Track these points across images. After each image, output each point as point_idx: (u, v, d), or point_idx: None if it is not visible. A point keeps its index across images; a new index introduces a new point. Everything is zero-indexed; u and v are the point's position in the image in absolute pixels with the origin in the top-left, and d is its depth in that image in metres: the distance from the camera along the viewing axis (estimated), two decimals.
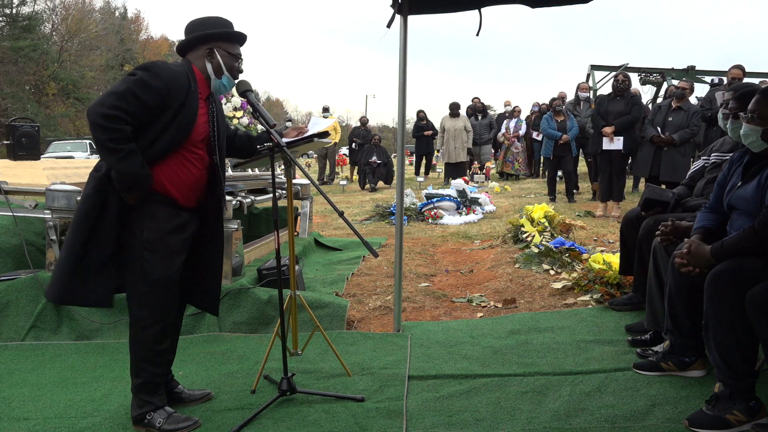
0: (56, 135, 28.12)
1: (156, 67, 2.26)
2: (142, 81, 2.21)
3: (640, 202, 3.45)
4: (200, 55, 2.40)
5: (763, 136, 2.32)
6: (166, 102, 2.25)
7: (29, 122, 5.32)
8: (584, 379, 2.71)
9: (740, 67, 6.84)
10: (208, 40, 2.40)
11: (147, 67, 2.27)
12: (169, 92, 2.25)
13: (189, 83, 2.33)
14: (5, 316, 3.53)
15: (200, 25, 2.42)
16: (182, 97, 2.29)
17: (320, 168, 14.87)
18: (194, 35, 2.40)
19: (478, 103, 13.96)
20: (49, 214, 3.75)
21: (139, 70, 2.26)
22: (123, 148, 2.17)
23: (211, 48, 2.40)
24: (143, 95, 2.20)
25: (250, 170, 5.03)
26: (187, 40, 2.41)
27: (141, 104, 2.20)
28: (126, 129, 2.18)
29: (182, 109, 2.29)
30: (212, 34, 2.40)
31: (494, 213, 8.42)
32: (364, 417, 2.42)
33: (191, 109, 2.33)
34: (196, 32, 2.40)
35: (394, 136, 40.20)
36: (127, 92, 2.19)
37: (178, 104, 2.28)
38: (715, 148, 3.47)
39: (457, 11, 3.54)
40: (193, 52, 2.42)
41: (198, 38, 2.39)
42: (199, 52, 2.41)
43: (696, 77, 12.56)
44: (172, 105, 2.26)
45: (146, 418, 2.35)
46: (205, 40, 2.40)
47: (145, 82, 2.21)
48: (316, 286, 4.33)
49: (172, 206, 2.35)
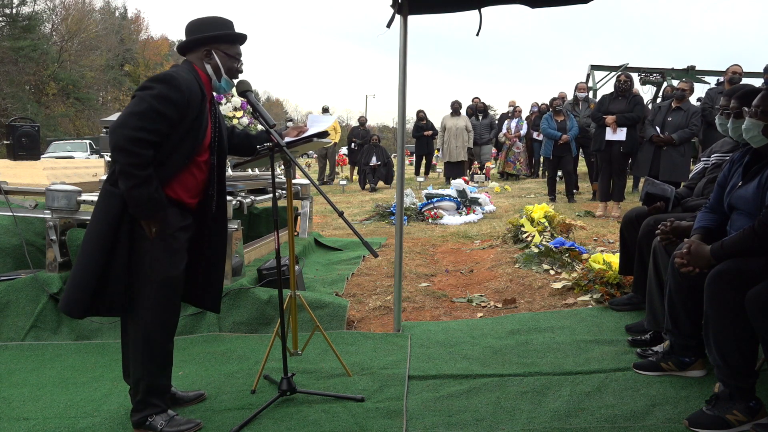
0: (56, 135, 28.13)
1: (174, 80, 2.23)
2: (162, 96, 2.19)
3: (641, 197, 3.45)
4: (199, 56, 2.41)
5: (765, 131, 2.33)
6: (186, 113, 2.25)
7: (29, 122, 5.33)
8: (584, 379, 2.71)
9: (738, 66, 6.94)
10: (206, 42, 2.39)
11: (164, 80, 2.23)
12: (188, 103, 2.25)
13: (202, 92, 2.34)
14: (5, 316, 3.53)
15: (199, 26, 2.41)
16: (198, 106, 2.30)
17: (320, 168, 14.87)
18: (192, 38, 2.39)
19: (478, 103, 13.95)
20: (49, 214, 3.75)
21: (156, 83, 2.23)
22: (140, 175, 2.16)
23: (208, 50, 2.39)
24: (166, 110, 2.20)
25: (250, 170, 5.03)
26: (186, 41, 2.41)
27: (165, 120, 2.20)
28: (148, 154, 2.18)
29: (197, 120, 2.31)
30: (210, 36, 2.39)
31: (494, 213, 8.42)
32: (364, 417, 2.42)
33: (205, 115, 2.35)
34: (195, 34, 2.40)
35: (394, 136, 40.20)
36: (150, 111, 2.17)
37: (195, 114, 2.29)
38: (715, 149, 3.48)
39: (457, 11, 3.54)
40: (193, 54, 2.42)
41: (196, 41, 2.39)
42: (197, 53, 2.41)
43: (696, 77, 12.56)
44: (188, 116, 2.27)
45: (147, 420, 2.33)
46: (203, 42, 2.39)
47: (166, 97, 2.20)
48: (316, 286, 4.33)
49: (179, 207, 2.37)
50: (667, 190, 3.37)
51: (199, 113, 2.31)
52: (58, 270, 3.73)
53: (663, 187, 3.41)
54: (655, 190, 3.40)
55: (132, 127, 2.14)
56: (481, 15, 3.38)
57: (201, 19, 2.44)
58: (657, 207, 3.33)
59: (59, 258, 3.73)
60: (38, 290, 3.59)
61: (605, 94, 7.76)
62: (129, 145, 2.14)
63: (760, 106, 2.35)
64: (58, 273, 3.72)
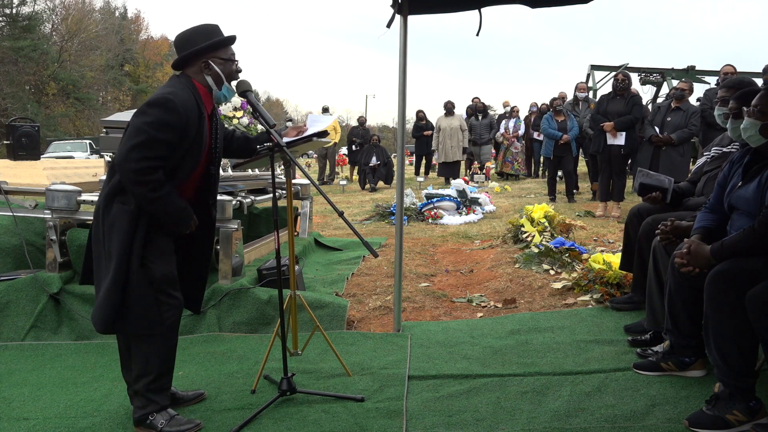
0: (56, 135, 28.14)
1: (170, 102, 2.23)
2: (160, 122, 2.21)
3: (634, 187, 3.43)
4: (197, 70, 2.40)
5: (762, 130, 2.33)
6: (185, 133, 2.28)
7: (29, 122, 5.33)
8: (584, 379, 2.71)
9: (731, 66, 6.98)
10: (201, 54, 2.38)
11: (160, 104, 2.23)
12: (187, 124, 2.27)
13: (199, 108, 2.35)
14: (5, 316, 3.53)
15: (189, 40, 2.39)
16: (197, 124, 2.32)
17: (320, 168, 14.86)
18: (186, 53, 2.39)
19: (478, 103, 13.94)
20: (49, 214, 3.75)
21: (152, 108, 2.23)
22: (161, 195, 2.22)
23: (205, 61, 2.39)
24: (166, 136, 2.22)
25: (250, 170, 5.03)
26: (181, 57, 2.40)
27: (166, 145, 2.23)
28: (158, 176, 2.22)
29: (197, 138, 2.33)
30: (204, 47, 2.38)
31: (494, 213, 8.41)
32: (364, 417, 2.42)
33: (205, 131, 2.37)
34: (187, 48, 2.39)
35: (394, 136, 40.20)
36: (150, 141, 2.20)
37: (194, 132, 2.32)
38: (715, 143, 3.48)
39: (457, 11, 3.54)
40: (190, 68, 2.41)
41: (192, 54, 2.38)
42: (194, 67, 2.40)
43: (696, 77, 12.54)
44: (189, 135, 2.30)
45: (149, 419, 2.34)
46: (198, 55, 2.38)
47: (164, 122, 2.21)
48: (316, 286, 4.33)
49: None
50: (664, 181, 3.34)
51: (198, 132, 2.33)
52: (58, 270, 3.73)
53: (659, 178, 3.38)
54: (650, 180, 3.36)
55: (135, 160, 2.18)
56: (481, 15, 3.38)
57: (188, 31, 2.43)
58: (653, 197, 3.30)
59: (59, 258, 3.73)
60: (38, 290, 3.59)
61: (603, 95, 7.76)
62: (139, 177, 2.19)
63: (758, 106, 2.35)
64: (58, 273, 3.72)
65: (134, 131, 2.22)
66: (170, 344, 2.39)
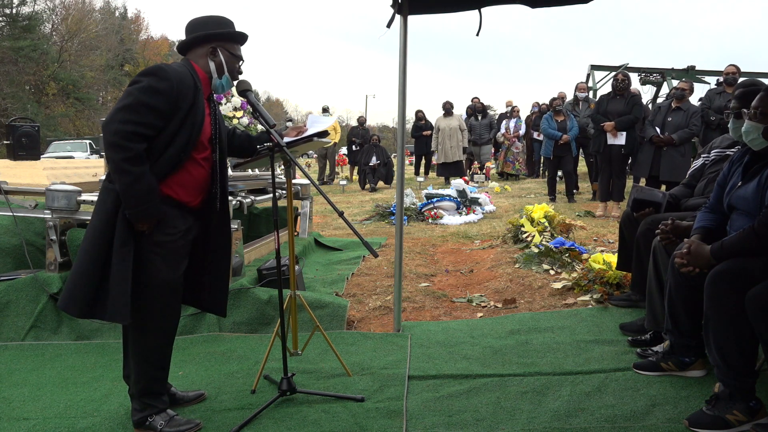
0: (56, 135, 28.13)
1: (161, 71, 2.21)
2: (150, 87, 2.17)
3: (628, 203, 3.43)
4: (202, 53, 2.38)
5: (765, 133, 2.31)
6: (177, 104, 2.22)
7: (29, 122, 5.33)
8: (584, 379, 2.71)
9: (734, 66, 6.97)
10: (211, 39, 2.38)
11: (152, 72, 2.22)
12: (179, 93, 2.22)
13: (195, 82, 2.31)
14: (5, 316, 3.53)
15: (203, 24, 2.40)
16: (191, 97, 2.27)
17: (320, 168, 14.87)
18: (197, 34, 2.37)
19: (478, 103, 13.94)
20: (49, 214, 3.75)
21: (144, 76, 2.21)
22: (133, 171, 2.12)
23: (214, 47, 2.38)
24: (154, 102, 2.16)
25: (250, 170, 5.03)
26: (189, 39, 2.39)
27: (154, 112, 2.17)
28: (139, 147, 2.14)
29: (192, 110, 2.27)
30: (215, 33, 2.38)
31: (494, 213, 8.42)
32: (364, 417, 2.42)
33: (200, 108, 2.31)
34: (199, 31, 2.38)
35: (394, 136, 40.20)
36: (136, 104, 2.15)
37: (188, 105, 2.25)
38: (715, 144, 3.47)
39: (457, 11, 3.54)
40: (195, 51, 2.39)
41: (201, 37, 2.37)
42: (201, 51, 2.38)
43: (696, 77, 12.53)
44: (182, 107, 2.24)
45: (147, 420, 2.33)
46: (208, 39, 2.38)
47: (153, 88, 2.17)
48: (316, 286, 4.33)
49: (180, 208, 2.34)
50: (657, 196, 3.34)
51: (192, 104, 2.26)
52: (58, 270, 3.72)
53: (653, 193, 3.38)
54: (644, 195, 3.34)
55: (120, 121, 2.12)
56: (481, 15, 3.38)
57: (204, 17, 2.42)
58: (645, 213, 3.29)
59: (59, 258, 3.73)
60: (38, 290, 3.59)
61: (603, 95, 7.77)
62: (118, 140, 2.11)
63: (759, 108, 2.33)
64: (58, 273, 3.71)
65: (124, 95, 2.19)
66: (165, 352, 2.36)
